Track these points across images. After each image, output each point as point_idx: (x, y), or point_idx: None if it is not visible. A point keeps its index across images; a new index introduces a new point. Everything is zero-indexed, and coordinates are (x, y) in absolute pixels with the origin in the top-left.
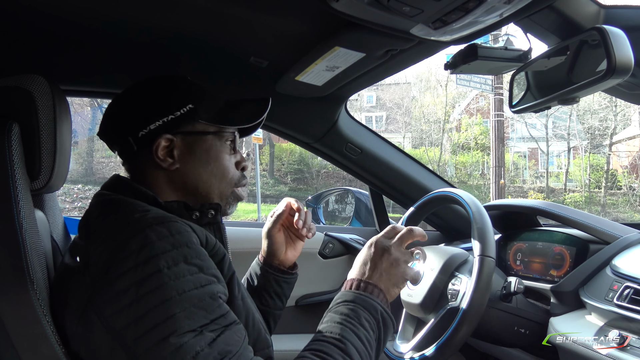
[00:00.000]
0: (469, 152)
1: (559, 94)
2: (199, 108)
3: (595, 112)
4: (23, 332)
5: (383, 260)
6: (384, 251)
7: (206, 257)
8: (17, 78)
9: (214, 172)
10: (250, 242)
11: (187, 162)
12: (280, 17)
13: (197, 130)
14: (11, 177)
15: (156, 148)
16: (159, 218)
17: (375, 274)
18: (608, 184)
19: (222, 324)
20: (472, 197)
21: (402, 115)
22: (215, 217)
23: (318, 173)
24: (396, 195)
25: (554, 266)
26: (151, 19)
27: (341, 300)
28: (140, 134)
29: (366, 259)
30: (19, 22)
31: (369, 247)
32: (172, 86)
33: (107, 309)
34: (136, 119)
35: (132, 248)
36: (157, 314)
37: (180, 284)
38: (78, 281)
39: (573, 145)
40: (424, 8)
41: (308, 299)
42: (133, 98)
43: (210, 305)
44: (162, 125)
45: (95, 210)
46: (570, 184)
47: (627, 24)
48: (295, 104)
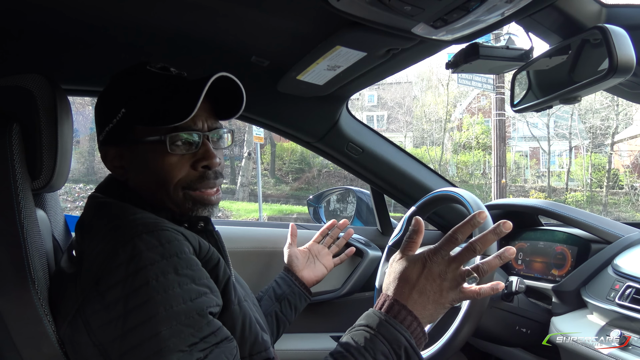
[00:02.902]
0: (470, 151)
1: (560, 93)
2: (132, 111)
3: (597, 112)
4: (24, 331)
5: (433, 287)
6: (437, 277)
7: (198, 266)
8: (18, 77)
9: (154, 179)
10: (249, 242)
11: (132, 171)
12: (282, 16)
13: (135, 137)
14: (12, 177)
15: (105, 159)
16: (148, 226)
17: (415, 297)
18: (610, 184)
19: (211, 342)
20: (473, 196)
21: (404, 115)
22: (206, 226)
23: (319, 172)
24: (398, 194)
25: (556, 265)
26: (152, 18)
27: (364, 323)
28: (100, 145)
29: (411, 276)
30: (20, 21)
31: (421, 264)
32: (112, 89)
33: (95, 321)
34: (97, 129)
35: (121, 259)
36: (143, 330)
37: (168, 299)
38: (69, 288)
39: (574, 144)
40: (425, 7)
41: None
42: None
43: (198, 322)
44: (106, 135)
45: (89, 214)
46: (572, 184)
47: (629, 22)
48: (296, 104)
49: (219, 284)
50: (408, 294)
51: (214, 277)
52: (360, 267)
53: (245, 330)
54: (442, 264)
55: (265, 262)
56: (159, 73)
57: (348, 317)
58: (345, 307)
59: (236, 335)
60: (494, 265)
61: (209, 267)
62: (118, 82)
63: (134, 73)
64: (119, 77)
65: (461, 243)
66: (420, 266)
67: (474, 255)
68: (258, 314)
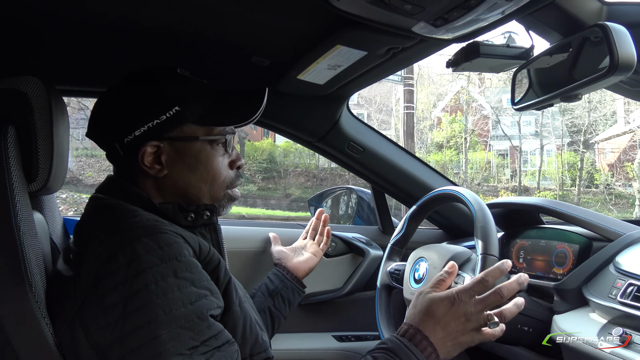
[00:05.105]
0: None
1: (561, 91)
2: (186, 110)
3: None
4: (22, 335)
5: (457, 325)
6: (462, 316)
7: (198, 269)
8: (12, 80)
9: (204, 177)
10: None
11: (176, 168)
12: (282, 16)
13: (185, 134)
14: (8, 180)
15: (142, 155)
16: (147, 229)
17: (437, 331)
18: (582, 182)
19: (212, 346)
20: (474, 195)
21: (384, 114)
22: (210, 218)
23: (287, 172)
24: (399, 193)
25: (557, 264)
26: (150, 18)
27: (385, 346)
28: (126, 140)
29: (437, 312)
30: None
31: (449, 301)
32: (156, 86)
33: (93, 324)
34: (120, 124)
35: (121, 262)
36: (142, 334)
37: (168, 302)
38: (68, 291)
39: (546, 142)
40: (425, 6)
41: (310, 298)
42: (117, 101)
43: (198, 325)
44: (147, 131)
45: (90, 216)
46: (546, 183)
47: (630, 20)
48: (297, 103)
49: (220, 286)
50: (432, 328)
51: (214, 278)
52: (362, 267)
53: (247, 331)
54: (470, 305)
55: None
56: (195, 79)
57: (349, 317)
58: (346, 307)
59: (238, 336)
60: (514, 313)
61: (210, 268)
62: (159, 81)
63: (175, 76)
64: (155, 76)
65: (491, 287)
66: (448, 303)
67: (500, 301)
68: (255, 314)
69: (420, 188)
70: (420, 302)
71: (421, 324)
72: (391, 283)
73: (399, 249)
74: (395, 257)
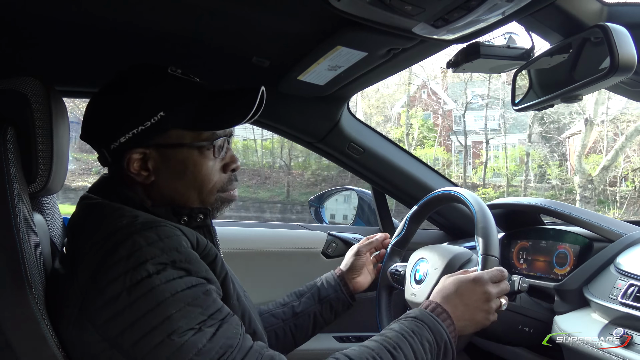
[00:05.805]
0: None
1: (561, 92)
2: (172, 115)
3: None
4: (22, 336)
5: (479, 303)
6: (483, 294)
7: (197, 260)
8: (11, 81)
9: (192, 183)
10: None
11: (163, 175)
12: (282, 16)
13: (172, 140)
14: (7, 181)
15: (128, 162)
16: (147, 223)
17: (459, 307)
18: (528, 177)
19: (218, 318)
20: (475, 196)
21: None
22: (204, 220)
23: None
24: (399, 194)
25: (558, 264)
26: (150, 19)
27: (412, 315)
28: (112, 146)
29: (462, 289)
30: (11, 23)
31: (480, 282)
32: (141, 91)
33: (100, 317)
34: (105, 131)
35: (121, 254)
36: (153, 316)
37: (172, 286)
38: (68, 289)
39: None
40: (425, 7)
41: None
42: (102, 106)
43: (205, 301)
44: (132, 137)
45: (81, 215)
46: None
47: (630, 21)
48: (297, 104)
49: (218, 279)
50: (453, 304)
51: (212, 272)
52: None
53: (245, 325)
54: (495, 288)
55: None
56: (187, 79)
57: (350, 317)
58: None
59: None
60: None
61: (207, 262)
62: (145, 84)
63: (163, 77)
64: (141, 78)
65: (506, 278)
66: (472, 282)
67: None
68: (254, 313)
69: (420, 189)
70: (447, 283)
71: (443, 300)
72: (392, 284)
73: (399, 250)
74: (395, 258)
